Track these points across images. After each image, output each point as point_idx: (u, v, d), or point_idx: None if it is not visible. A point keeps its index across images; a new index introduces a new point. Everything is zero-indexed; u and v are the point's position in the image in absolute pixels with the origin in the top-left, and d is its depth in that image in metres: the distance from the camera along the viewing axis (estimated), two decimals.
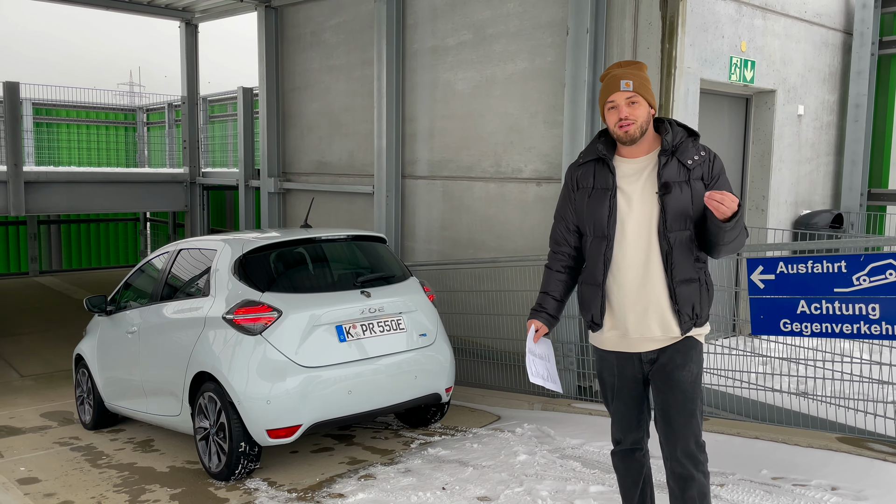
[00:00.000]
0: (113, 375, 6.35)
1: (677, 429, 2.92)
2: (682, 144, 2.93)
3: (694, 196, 2.87)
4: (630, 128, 2.87)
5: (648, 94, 2.91)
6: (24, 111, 16.65)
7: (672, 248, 2.86)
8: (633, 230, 2.90)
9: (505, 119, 7.16)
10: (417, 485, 4.48)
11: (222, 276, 5.21)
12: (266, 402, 4.72)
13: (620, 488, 3.24)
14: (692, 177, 2.88)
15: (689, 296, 2.89)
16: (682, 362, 2.92)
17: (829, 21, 7.51)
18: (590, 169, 3.02)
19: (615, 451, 3.20)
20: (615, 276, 2.94)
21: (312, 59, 9.64)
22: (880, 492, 3.87)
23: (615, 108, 2.89)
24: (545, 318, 3.12)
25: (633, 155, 2.96)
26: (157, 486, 4.97)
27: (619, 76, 2.89)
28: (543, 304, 3.14)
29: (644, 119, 2.89)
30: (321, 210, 9.64)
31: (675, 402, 2.92)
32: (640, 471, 3.17)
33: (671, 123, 2.98)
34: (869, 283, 4.46)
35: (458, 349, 7.10)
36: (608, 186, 2.94)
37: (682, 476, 2.94)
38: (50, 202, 11.22)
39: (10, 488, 5.13)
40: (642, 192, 2.91)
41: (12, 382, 9.50)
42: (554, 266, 3.14)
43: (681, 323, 2.90)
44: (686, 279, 2.89)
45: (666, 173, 2.88)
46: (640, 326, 2.93)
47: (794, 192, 7.41)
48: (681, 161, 2.89)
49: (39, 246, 18.61)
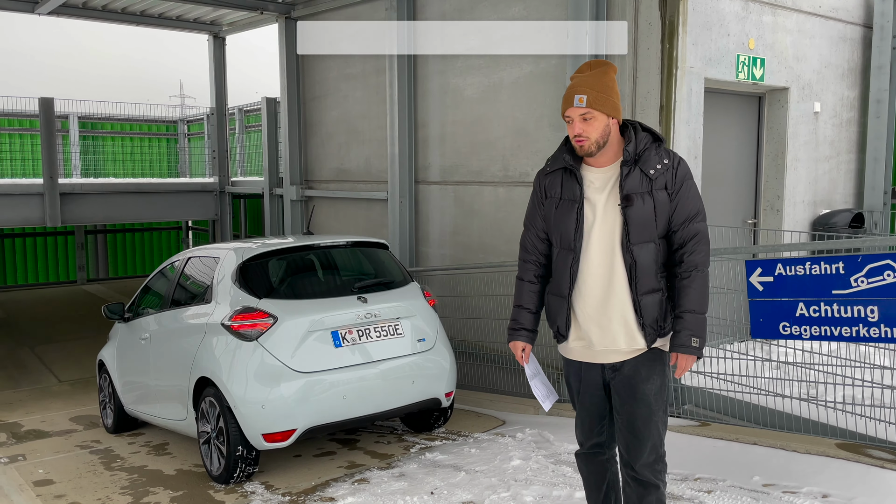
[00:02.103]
0: (130, 380, 6.55)
1: (641, 439, 2.95)
2: (646, 152, 2.88)
3: (657, 207, 2.84)
4: (584, 143, 2.86)
5: (606, 106, 2.83)
6: (70, 125, 17.30)
7: (636, 261, 2.85)
8: (597, 243, 2.89)
9: (512, 123, 7.16)
10: (407, 489, 4.52)
11: (224, 283, 5.34)
12: (261, 407, 4.82)
13: (586, 490, 3.24)
14: (654, 187, 2.85)
15: (652, 308, 2.88)
16: (647, 375, 2.94)
17: (846, 15, 7.31)
18: (557, 178, 2.99)
19: (578, 453, 3.22)
20: (580, 289, 2.94)
21: (331, 68, 9.79)
22: (873, 500, 3.76)
23: (571, 124, 2.87)
24: (525, 336, 3.10)
25: (599, 164, 2.93)
26: (161, 489, 5.12)
27: (575, 89, 2.84)
28: (520, 320, 3.10)
29: (599, 134, 2.85)
30: (341, 217, 9.77)
31: (640, 415, 2.94)
32: (604, 475, 3.16)
33: (635, 129, 2.94)
34: (867, 285, 4.35)
35: (468, 353, 7.13)
36: (575, 198, 2.92)
37: (641, 483, 2.97)
38: (85, 213, 11.61)
39: (24, 489, 5.34)
40: (606, 204, 2.89)
41: (50, 388, 9.84)
42: (526, 276, 3.11)
43: (645, 335, 2.90)
44: (649, 290, 2.88)
45: (628, 184, 2.85)
46: (605, 339, 2.93)
47: (813, 192, 7.23)
48: (643, 171, 2.86)
49: (87, 255, 19.21)
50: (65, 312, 15.43)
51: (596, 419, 3.08)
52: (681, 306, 2.86)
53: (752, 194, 7.11)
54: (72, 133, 17.48)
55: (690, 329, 2.84)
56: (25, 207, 11.10)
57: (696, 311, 2.84)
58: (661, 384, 2.96)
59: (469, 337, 7.10)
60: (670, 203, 2.86)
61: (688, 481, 4.22)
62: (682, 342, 2.85)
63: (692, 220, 2.88)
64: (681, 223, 2.87)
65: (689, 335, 2.84)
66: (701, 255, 2.87)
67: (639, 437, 2.93)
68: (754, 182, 7.10)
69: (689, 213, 2.87)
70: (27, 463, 6.09)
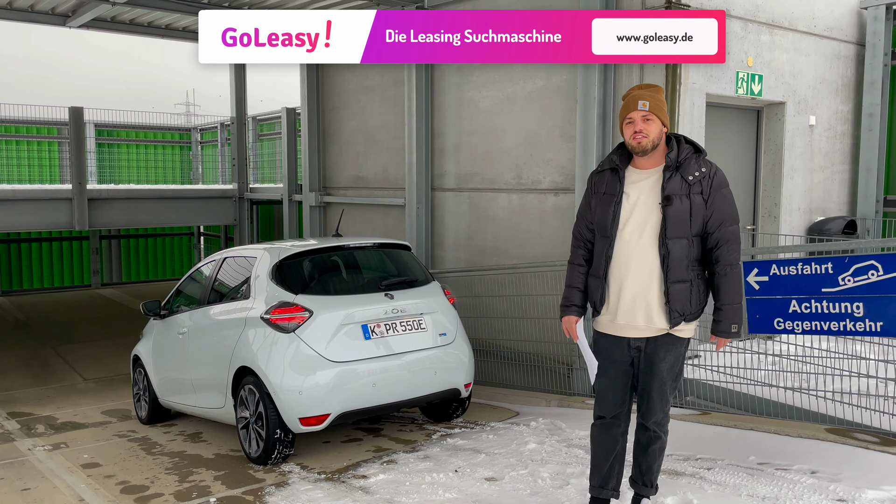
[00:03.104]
0: (166, 373, 6.98)
1: (653, 405, 3.53)
2: (686, 161, 3.38)
3: (693, 208, 3.34)
4: (643, 140, 3.35)
5: (662, 115, 3.38)
6: (87, 133, 17.78)
7: (669, 252, 3.33)
8: (631, 232, 3.38)
9: (525, 134, 7.62)
10: (433, 468, 4.94)
11: (261, 280, 5.78)
12: (298, 393, 5.24)
13: (593, 459, 3.68)
14: (692, 191, 3.34)
15: (680, 295, 3.36)
16: (664, 356, 3.47)
17: (840, 34, 7.77)
18: (605, 176, 3.52)
19: (595, 424, 3.66)
20: (613, 271, 3.44)
21: (349, 80, 10.26)
22: (856, 475, 4.17)
23: (632, 123, 3.37)
24: (576, 311, 3.60)
25: (644, 167, 3.44)
26: (204, 470, 5.54)
27: (638, 97, 3.38)
28: (571, 297, 3.61)
29: (656, 134, 3.37)
30: (359, 222, 10.22)
31: (655, 386, 3.51)
32: (615, 444, 3.61)
33: (679, 141, 3.44)
34: (853, 283, 4.77)
35: (483, 351, 7.55)
36: (615, 193, 3.44)
37: (651, 437, 3.58)
38: (111, 217, 12.08)
39: (74, 471, 5.76)
40: (645, 200, 3.38)
41: (76, 385, 10.24)
42: (576, 260, 3.62)
43: (670, 318, 3.38)
44: (679, 280, 3.36)
45: (669, 187, 3.34)
46: (627, 315, 3.44)
47: (808, 200, 7.67)
48: (683, 176, 3.35)
49: (101, 260, 19.64)
50: (82, 315, 15.84)
51: (619, 392, 3.57)
52: (720, 300, 3.39)
53: (751, 202, 7.56)
54: (88, 140, 17.96)
55: (730, 319, 3.39)
56: (54, 212, 11.57)
57: (734, 303, 3.38)
58: (675, 362, 3.50)
59: (483, 335, 7.52)
60: (705, 207, 3.34)
61: (689, 460, 4.64)
62: (724, 329, 3.41)
63: (726, 223, 3.37)
64: (717, 226, 3.36)
65: (730, 323, 3.39)
66: (734, 254, 3.37)
67: (652, 402, 3.52)
68: (753, 190, 7.55)
69: (724, 218, 3.37)
70: (71, 450, 6.51)
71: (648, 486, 3.68)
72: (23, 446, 6.73)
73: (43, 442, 6.83)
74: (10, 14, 11.00)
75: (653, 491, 3.70)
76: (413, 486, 4.61)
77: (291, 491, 4.77)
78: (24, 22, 11.15)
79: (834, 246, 5.93)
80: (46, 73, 29.48)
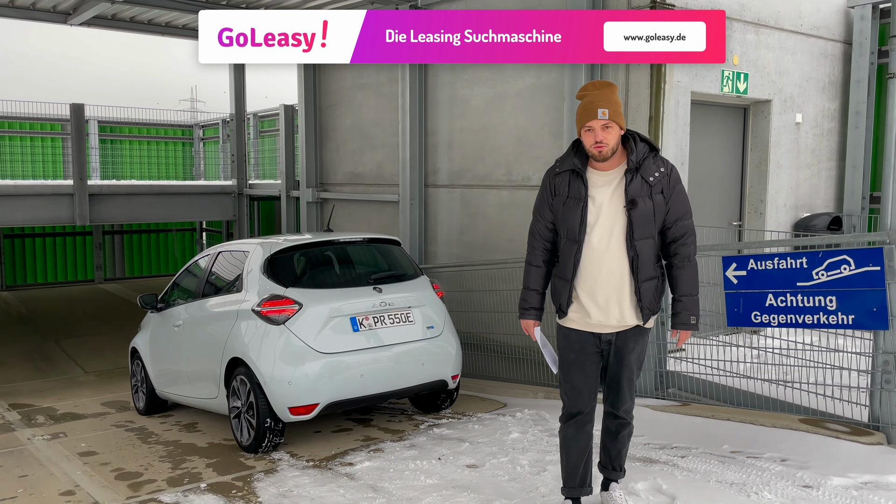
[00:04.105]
0: (162, 365, 7.14)
1: (623, 394, 3.66)
2: (645, 161, 3.46)
3: (655, 208, 3.44)
4: (604, 149, 3.41)
5: (621, 119, 3.44)
6: (90, 129, 17.97)
7: (638, 254, 3.43)
8: (598, 236, 3.45)
9: (515, 131, 7.75)
10: (418, 456, 5.09)
11: (254, 274, 5.93)
12: (288, 384, 5.40)
13: (570, 459, 3.69)
14: (653, 191, 3.44)
15: (649, 292, 3.48)
16: (633, 347, 3.61)
17: (826, 33, 7.87)
18: (565, 178, 3.52)
19: (570, 424, 3.68)
20: (581, 273, 3.50)
21: (346, 78, 10.40)
22: (823, 463, 4.31)
23: (591, 132, 3.41)
24: (534, 315, 3.65)
25: (604, 168, 3.49)
26: (196, 458, 5.70)
27: (597, 104, 3.39)
28: (529, 299, 3.64)
29: (615, 142, 3.43)
30: (354, 218, 10.37)
31: (624, 376, 3.64)
32: (589, 441, 3.70)
33: (635, 139, 3.50)
34: (826, 278, 4.90)
35: (474, 344, 7.69)
36: (581, 197, 3.46)
37: (621, 424, 3.71)
38: (112, 213, 12.26)
39: (72, 459, 5.93)
40: (609, 203, 3.46)
41: (77, 378, 10.43)
42: (534, 261, 3.63)
43: (643, 315, 3.51)
44: (648, 278, 3.47)
45: (631, 190, 3.42)
46: (600, 315, 3.52)
47: (794, 196, 7.78)
48: (643, 178, 3.43)
49: (104, 255, 19.84)
50: (85, 310, 16.05)
51: (592, 384, 3.63)
52: (679, 291, 3.51)
53: (737, 198, 7.68)
54: (91, 136, 18.14)
55: (689, 310, 3.51)
56: (56, 207, 11.75)
57: (691, 294, 3.50)
58: (641, 352, 3.64)
59: (474, 329, 7.66)
60: (665, 205, 3.45)
61: (665, 449, 4.78)
62: (684, 321, 3.52)
63: (683, 218, 3.49)
64: (674, 221, 3.48)
65: (689, 315, 3.51)
66: (691, 247, 3.50)
67: (622, 392, 3.65)
68: (739, 187, 7.66)
69: (681, 213, 3.48)
70: (69, 439, 6.68)
71: (618, 469, 3.81)
72: (22, 436, 6.90)
73: (42, 432, 7.00)
74: (12, 12, 11.18)
75: (622, 474, 3.84)
76: (396, 473, 4.76)
77: (279, 477, 4.93)
78: (26, 20, 11.32)
79: (817, 241, 6.04)
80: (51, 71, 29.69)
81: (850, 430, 4.75)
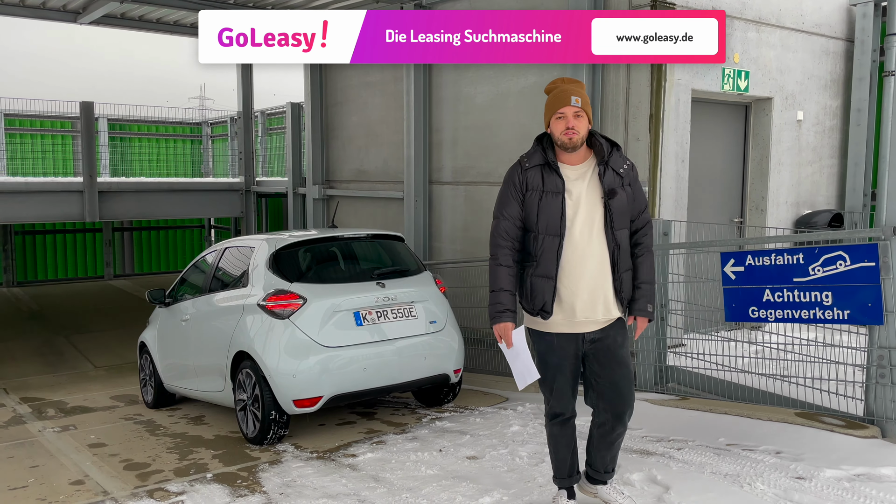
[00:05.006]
0: (170, 359, 7.26)
1: (626, 395, 3.57)
2: (612, 155, 3.48)
3: (627, 199, 3.47)
4: (574, 136, 3.41)
5: (589, 112, 3.48)
6: (99, 127, 18.12)
7: (618, 244, 3.44)
8: (580, 229, 3.44)
9: (518, 128, 7.83)
10: (419, 448, 5.19)
11: (259, 269, 6.04)
12: (292, 377, 5.50)
13: (558, 454, 3.74)
14: (624, 183, 3.47)
15: (627, 283, 3.51)
16: (622, 341, 3.56)
17: (828, 30, 7.91)
18: (537, 172, 3.48)
19: (555, 423, 3.70)
20: (565, 268, 3.44)
21: (351, 76, 10.50)
22: (817, 456, 4.37)
23: (563, 119, 3.41)
24: (510, 317, 3.45)
25: (573, 162, 3.49)
26: (203, 449, 5.81)
27: (570, 92, 3.43)
28: (503, 301, 3.45)
29: (585, 131, 3.45)
30: (360, 214, 10.47)
31: (624, 375, 3.56)
32: (574, 436, 3.73)
33: (596, 136, 3.52)
34: (822, 273, 4.96)
35: (477, 340, 7.77)
36: (559, 190, 3.43)
37: (622, 421, 3.61)
38: (121, 210, 12.40)
39: (81, 450, 6.05)
40: (587, 195, 3.45)
41: (87, 372, 10.56)
42: (504, 262, 3.48)
43: (622, 306, 3.52)
44: (626, 269, 3.50)
45: (607, 180, 3.44)
46: (586, 311, 3.47)
47: (795, 193, 7.83)
48: (614, 170, 3.46)
49: (114, 252, 20.01)
50: (94, 305, 16.20)
51: (573, 386, 3.63)
52: (639, 278, 3.53)
53: (738, 195, 7.74)
54: (101, 134, 18.30)
55: (647, 297, 3.51)
56: (65, 204, 11.90)
57: (650, 282, 3.52)
58: (628, 345, 3.62)
59: (477, 324, 7.73)
60: (633, 197, 3.50)
61: (662, 441, 4.86)
62: (641, 307, 3.52)
63: (644, 210, 3.56)
64: (638, 213, 3.54)
65: (646, 302, 3.51)
66: (650, 237, 3.57)
67: (623, 393, 3.55)
68: (741, 184, 7.72)
69: (643, 206, 3.56)
70: (78, 431, 6.81)
71: (612, 472, 3.75)
72: (33, 428, 7.03)
73: (53, 424, 7.13)
74: (23, 11, 11.32)
75: (613, 475, 3.78)
76: (398, 464, 4.86)
77: (283, 468, 5.03)
78: (36, 19, 11.46)
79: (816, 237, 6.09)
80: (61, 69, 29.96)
81: (845, 423, 4.81)
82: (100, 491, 4.95)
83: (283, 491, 4.57)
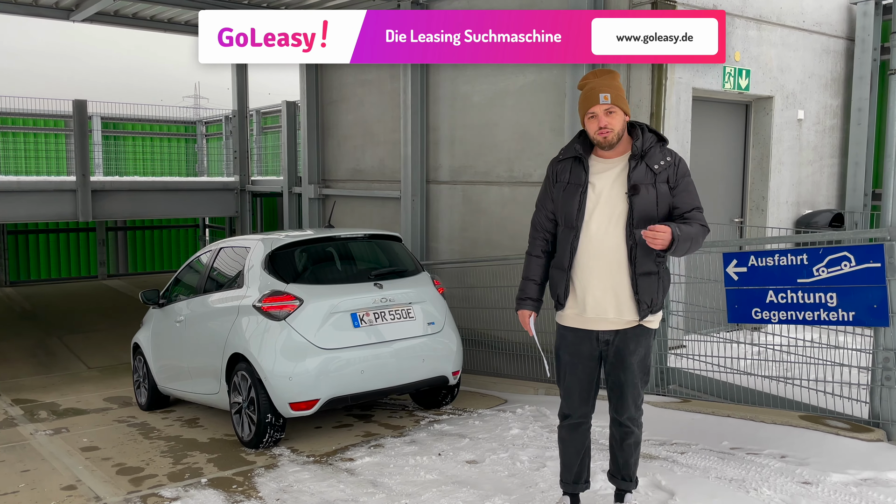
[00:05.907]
0: (164, 360, 7.16)
1: (626, 401, 3.50)
2: (651, 150, 3.37)
3: (659, 197, 3.33)
4: (609, 135, 3.33)
5: (624, 104, 3.35)
6: (93, 126, 17.99)
7: (637, 243, 3.30)
8: (597, 224, 3.36)
9: (516, 128, 7.75)
10: (418, 451, 5.10)
11: (255, 270, 5.94)
12: (289, 379, 5.41)
13: (563, 457, 3.67)
14: (658, 180, 3.33)
15: (648, 287, 3.35)
16: (634, 348, 3.45)
17: (829, 29, 7.85)
18: (567, 165, 3.45)
19: (563, 425, 3.63)
20: (578, 262, 3.40)
21: (347, 74, 10.40)
22: (823, 460, 4.31)
23: (595, 118, 3.33)
24: (531, 305, 3.55)
25: (608, 156, 3.41)
26: (198, 453, 5.72)
27: (598, 89, 3.32)
28: (527, 290, 3.54)
29: (620, 127, 3.35)
30: (356, 214, 10.38)
31: (626, 381, 3.48)
32: (584, 442, 3.63)
33: (643, 129, 3.42)
34: (827, 274, 4.89)
35: (475, 341, 7.70)
36: (580, 182, 3.38)
37: (625, 433, 3.55)
38: (114, 209, 12.28)
39: (74, 454, 5.95)
40: (610, 190, 3.36)
41: (80, 373, 10.46)
42: (534, 251, 3.55)
43: (639, 310, 3.38)
44: (647, 272, 3.34)
45: (635, 176, 3.32)
46: (597, 308, 3.40)
47: (796, 193, 7.77)
48: (648, 165, 3.34)
49: (108, 251, 19.87)
50: (88, 305, 16.08)
51: (586, 388, 3.54)
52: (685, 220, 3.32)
53: (738, 195, 7.67)
54: (95, 133, 18.17)
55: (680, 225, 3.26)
56: (58, 203, 11.77)
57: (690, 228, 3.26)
58: (645, 355, 3.49)
59: (476, 325, 7.67)
60: (671, 196, 3.34)
61: (665, 445, 4.79)
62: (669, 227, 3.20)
63: (697, 209, 3.37)
64: (688, 211, 3.35)
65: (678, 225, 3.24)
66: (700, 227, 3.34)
67: (624, 397, 3.49)
68: (741, 183, 7.65)
69: (694, 204, 3.37)
70: (71, 434, 6.70)
71: (628, 480, 3.64)
72: (25, 431, 6.93)
73: (45, 427, 7.02)
74: (15, 8, 11.19)
75: (633, 485, 3.66)
76: (396, 468, 4.77)
77: (280, 472, 4.94)
78: (28, 16, 11.33)
79: (818, 237, 6.03)
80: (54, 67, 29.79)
81: (850, 426, 4.74)
82: (92, 496, 4.85)
83: (280, 496, 4.48)
